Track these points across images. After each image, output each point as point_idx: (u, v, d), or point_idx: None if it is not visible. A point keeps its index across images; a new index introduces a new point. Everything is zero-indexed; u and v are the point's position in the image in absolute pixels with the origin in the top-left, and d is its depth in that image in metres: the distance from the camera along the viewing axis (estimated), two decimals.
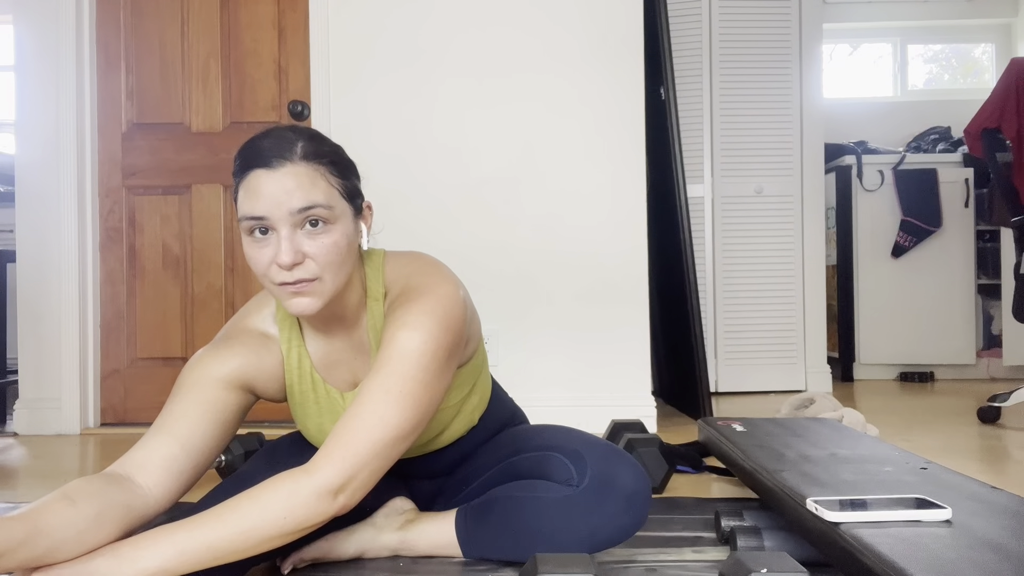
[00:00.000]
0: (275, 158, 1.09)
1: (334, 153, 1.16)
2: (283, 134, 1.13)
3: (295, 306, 1.12)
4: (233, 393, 1.20)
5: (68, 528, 0.97)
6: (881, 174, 4.09)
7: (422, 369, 1.11)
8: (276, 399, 1.29)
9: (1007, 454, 2.29)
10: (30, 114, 2.88)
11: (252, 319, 1.27)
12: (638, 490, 1.23)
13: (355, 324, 1.24)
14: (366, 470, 1.07)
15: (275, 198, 1.08)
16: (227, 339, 1.24)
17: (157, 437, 1.13)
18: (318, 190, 1.10)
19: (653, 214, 2.97)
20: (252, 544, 1.02)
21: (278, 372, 1.26)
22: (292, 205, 1.08)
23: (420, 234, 2.75)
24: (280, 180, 1.08)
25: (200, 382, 1.17)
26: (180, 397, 1.17)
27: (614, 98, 2.75)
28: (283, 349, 1.26)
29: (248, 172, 1.10)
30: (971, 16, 4.80)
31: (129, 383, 2.93)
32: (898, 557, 0.93)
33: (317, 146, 1.13)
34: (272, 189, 1.08)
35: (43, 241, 2.87)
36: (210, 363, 1.19)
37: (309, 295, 1.11)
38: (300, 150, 1.11)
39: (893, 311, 4.07)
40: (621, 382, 2.72)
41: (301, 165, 1.10)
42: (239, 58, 2.92)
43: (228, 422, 1.19)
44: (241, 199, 1.11)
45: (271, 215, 1.08)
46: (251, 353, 1.23)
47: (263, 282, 1.13)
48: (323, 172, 1.12)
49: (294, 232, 1.09)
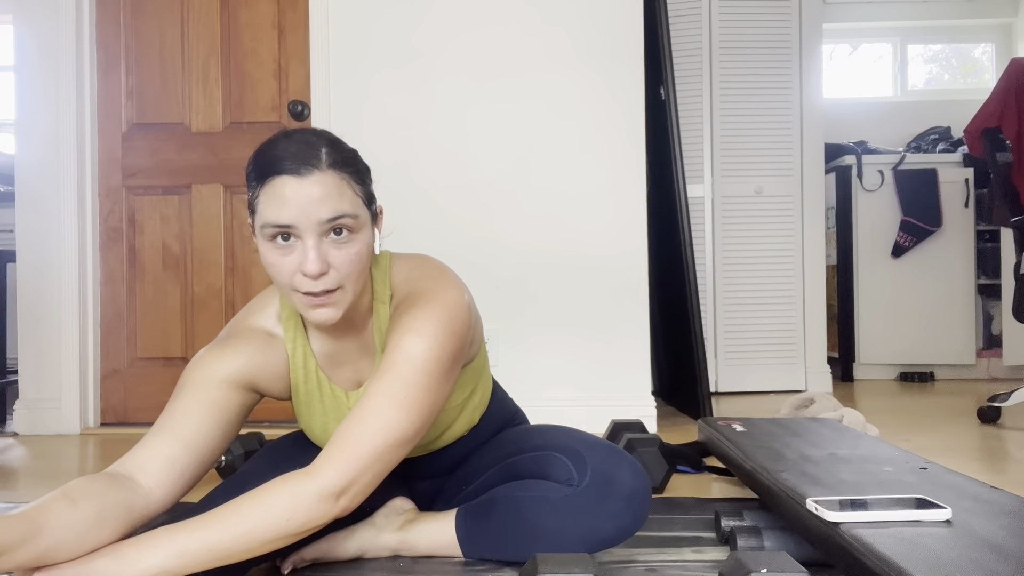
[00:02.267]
0: (302, 165, 1.07)
1: (354, 159, 1.15)
2: (305, 139, 1.10)
3: (317, 316, 1.11)
4: (236, 392, 1.19)
5: (69, 528, 0.96)
6: (881, 174, 4.09)
7: (426, 375, 1.11)
8: (280, 397, 1.29)
9: (1007, 454, 2.29)
10: (30, 114, 2.88)
11: (256, 318, 1.27)
12: (638, 490, 1.23)
13: (362, 326, 1.24)
14: (368, 473, 1.07)
15: (303, 207, 1.06)
16: (230, 338, 1.23)
17: (159, 437, 1.13)
18: (345, 199, 1.09)
19: (653, 214, 2.97)
20: (254, 545, 1.02)
21: (283, 371, 1.26)
22: (321, 215, 1.06)
23: (420, 234, 2.75)
24: (308, 189, 1.06)
25: (203, 382, 1.17)
26: (182, 397, 1.16)
27: (614, 98, 2.75)
28: (288, 348, 1.25)
29: (272, 178, 1.07)
30: (971, 16, 4.80)
31: (129, 383, 2.93)
32: (898, 557, 0.93)
33: (340, 153, 1.12)
34: (300, 198, 1.06)
35: (43, 241, 2.87)
36: (213, 363, 1.19)
37: (331, 306, 1.11)
38: (326, 157, 1.09)
39: (893, 311, 4.07)
40: (621, 382, 2.72)
41: (329, 174, 1.08)
42: (239, 58, 2.92)
43: (231, 422, 1.19)
44: (264, 205, 1.08)
45: (299, 224, 1.06)
46: (255, 352, 1.22)
47: (283, 289, 1.12)
48: (348, 180, 1.10)
49: (320, 241, 1.08)
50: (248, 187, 1.13)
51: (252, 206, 1.12)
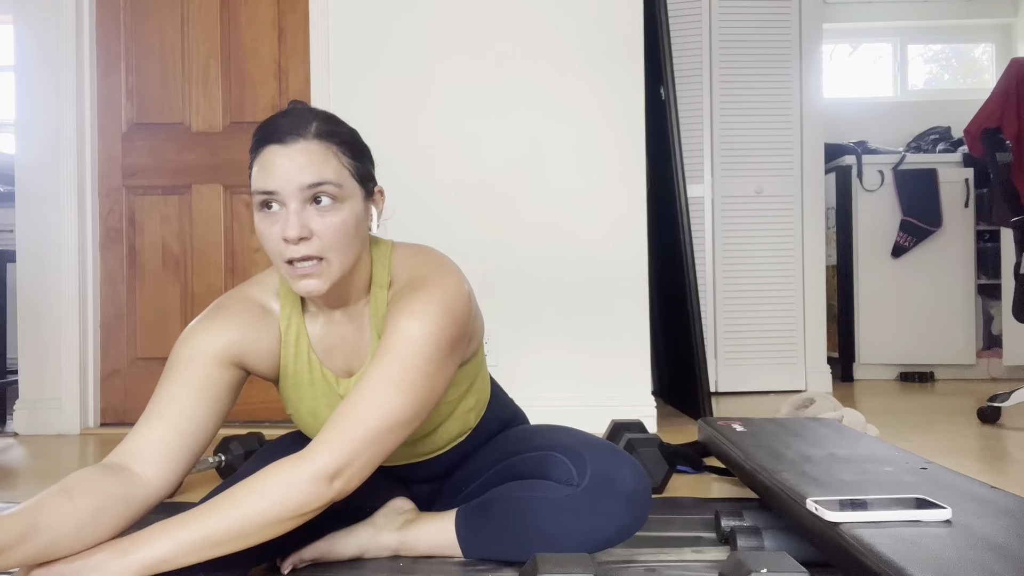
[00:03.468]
0: (289, 135, 1.11)
1: (349, 135, 1.18)
2: (301, 112, 1.16)
3: (302, 287, 1.13)
4: (226, 370, 1.18)
5: (67, 524, 0.97)
6: (881, 174, 4.09)
7: (425, 358, 1.11)
8: (267, 377, 1.27)
9: (1007, 454, 2.29)
10: (30, 114, 2.88)
11: (255, 290, 1.26)
12: (638, 490, 1.23)
13: (358, 309, 1.24)
14: (363, 456, 1.06)
15: (286, 173, 1.10)
16: (222, 308, 1.22)
17: (150, 423, 1.12)
18: (329, 167, 1.12)
19: (653, 214, 2.97)
20: (249, 531, 1.01)
21: (274, 348, 1.24)
22: (302, 180, 1.10)
23: (420, 233, 2.74)
24: (292, 155, 1.10)
25: (191, 360, 1.16)
26: (171, 379, 1.15)
27: (614, 98, 2.74)
28: (282, 326, 1.24)
29: (263, 147, 1.12)
30: (971, 16, 4.80)
31: (129, 383, 2.93)
32: (898, 557, 0.93)
33: (332, 127, 1.15)
34: (284, 164, 1.10)
35: (43, 241, 2.87)
36: (202, 337, 1.18)
37: (316, 276, 1.12)
38: (314, 128, 1.13)
39: (893, 311, 4.07)
40: (621, 382, 2.72)
41: (314, 143, 1.12)
42: (239, 58, 2.92)
43: (221, 399, 1.17)
44: (255, 174, 1.13)
45: (281, 190, 1.10)
46: (247, 326, 1.21)
47: (274, 260, 1.14)
48: (335, 151, 1.13)
49: (303, 207, 1.11)
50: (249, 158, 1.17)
51: (250, 178, 1.15)
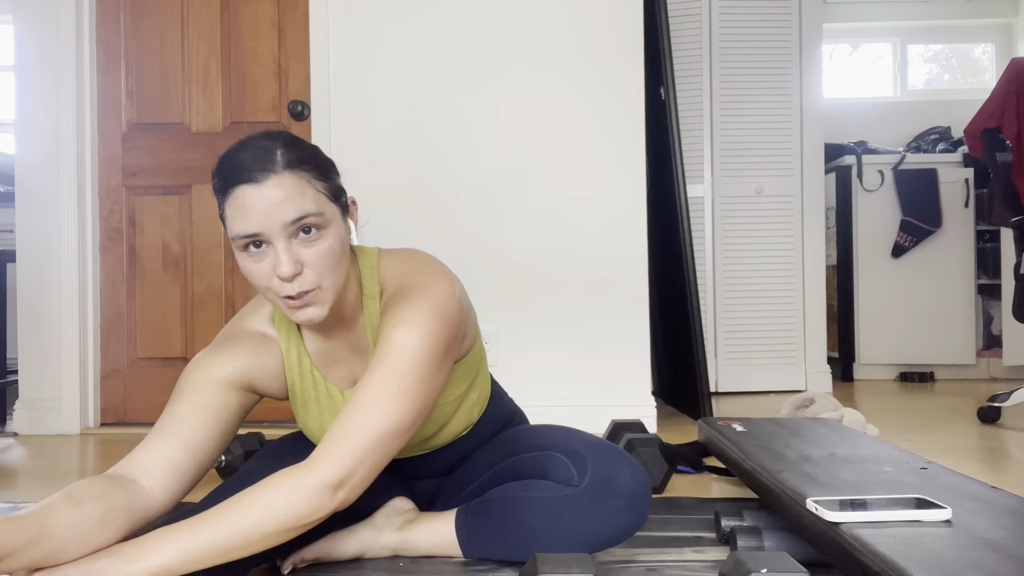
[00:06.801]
0: (258, 171, 1.07)
1: (314, 156, 1.14)
2: (259, 143, 1.11)
3: (301, 317, 1.12)
4: (234, 394, 1.20)
5: (73, 529, 0.97)
6: (881, 174, 4.09)
7: (419, 365, 1.11)
8: (279, 397, 1.30)
9: (1007, 454, 2.29)
10: (30, 114, 2.88)
11: (249, 321, 1.28)
12: (638, 490, 1.23)
13: (352, 323, 1.25)
14: (365, 465, 1.07)
15: (265, 213, 1.07)
16: (226, 340, 1.24)
17: (159, 439, 1.13)
18: (307, 198, 1.09)
19: (653, 214, 2.97)
20: (253, 540, 1.02)
21: (279, 371, 1.26)
22: (284, 217, 1.07)
23: (420, 233, 2.75)
24: (267, 194, 1.07)
25: (201, 384, 1.18)
26: (181, 399, 1.17)
27: (613, 98, 2.74)
28: (283, 349, 1.26)
29: (232, 189, 1.08)
30: (971, 16, 4.80)
31: (129, 383, 2.93)
32: (898, 557, 0.93)
33: (297, 152, 1.12)
34: (261, 204, 1.06)
35: (43, 241, 2.87)
36: (210, 365, 1.20)
37: (314, 304, 1.12)
38: (281, 159, 1.09)
39: (893, 311, 4.07)
40: (621, 382, 2.72)
41: (285, 175, 1.08)
42: (239, 58, 2.92)
43: (229, 422, 1.20)
44: (230, 217, 1.09)
45: (265, 230, 1.07)
46: (251, 354, 1.23)
47: (266, 295, 1.13)
48: (307, 178, 1.10)
49: (290, 243, 1.09)
50: (216, 199, 1.13)
51: (222, 218, 1.12)
